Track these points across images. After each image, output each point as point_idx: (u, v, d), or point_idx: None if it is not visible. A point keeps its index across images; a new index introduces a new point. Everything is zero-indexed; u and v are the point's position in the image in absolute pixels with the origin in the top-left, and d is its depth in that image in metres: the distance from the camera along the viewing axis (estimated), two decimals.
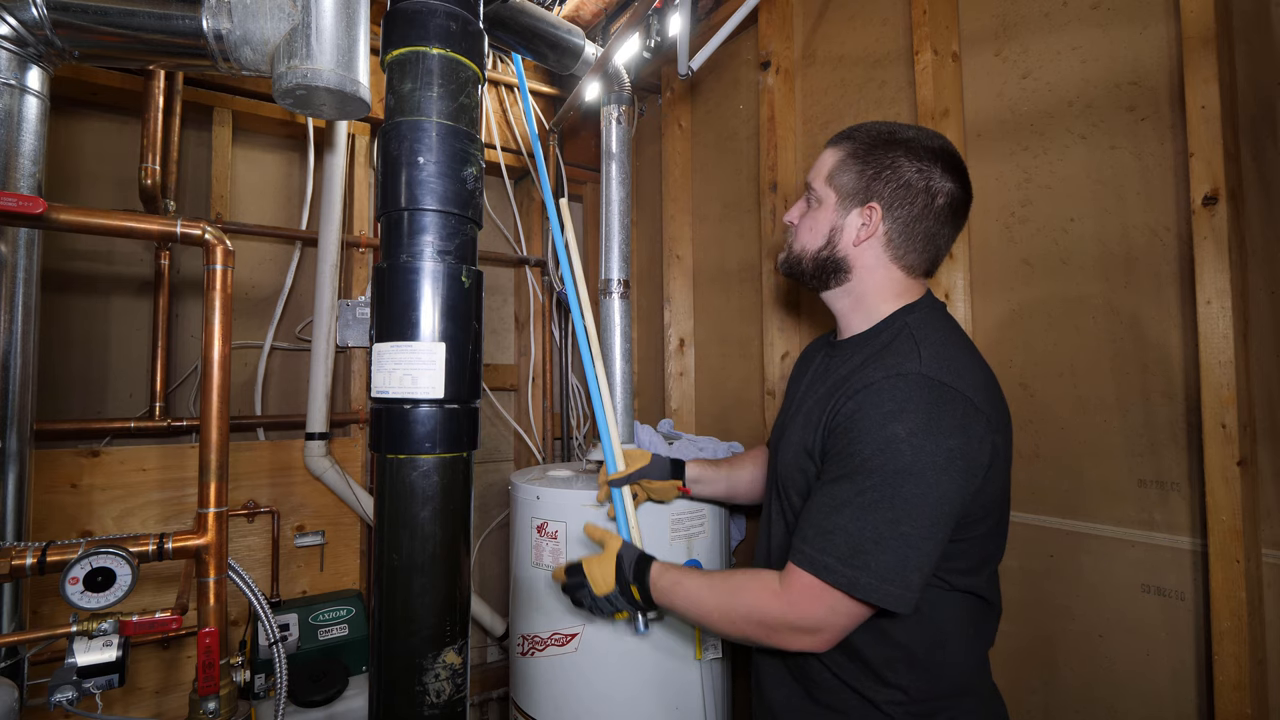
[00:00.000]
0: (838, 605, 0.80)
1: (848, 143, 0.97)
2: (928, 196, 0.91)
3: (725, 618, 0.89)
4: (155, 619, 1.04)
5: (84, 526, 1.56)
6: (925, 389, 0.80)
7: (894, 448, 0.77)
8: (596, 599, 1.04)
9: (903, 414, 0.79)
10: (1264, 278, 1.00)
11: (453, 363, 0.98)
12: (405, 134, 0.98)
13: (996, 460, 0.82)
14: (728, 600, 0.89)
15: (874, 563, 0.77)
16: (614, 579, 1.02)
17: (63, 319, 1.69)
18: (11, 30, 1.06)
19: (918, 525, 0.76)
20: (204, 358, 1.12)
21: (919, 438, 0.77)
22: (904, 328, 0.91)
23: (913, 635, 0.85)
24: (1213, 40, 0.99)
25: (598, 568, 1.05)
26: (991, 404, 0.84)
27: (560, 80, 2.39)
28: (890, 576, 0.77)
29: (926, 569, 0.78)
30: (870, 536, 0.77)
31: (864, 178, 0.93)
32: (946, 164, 0.92)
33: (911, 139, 0.93)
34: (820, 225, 0.98)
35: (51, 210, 0.99)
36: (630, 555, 1.04)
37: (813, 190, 1.00)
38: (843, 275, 0.97)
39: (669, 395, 2.08)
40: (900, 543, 0.76)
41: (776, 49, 1.74)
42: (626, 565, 1.03)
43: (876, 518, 0.77)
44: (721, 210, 1.99)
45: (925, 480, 0.76)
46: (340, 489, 1.86)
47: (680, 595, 0.95)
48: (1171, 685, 1.06)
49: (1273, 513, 0.98)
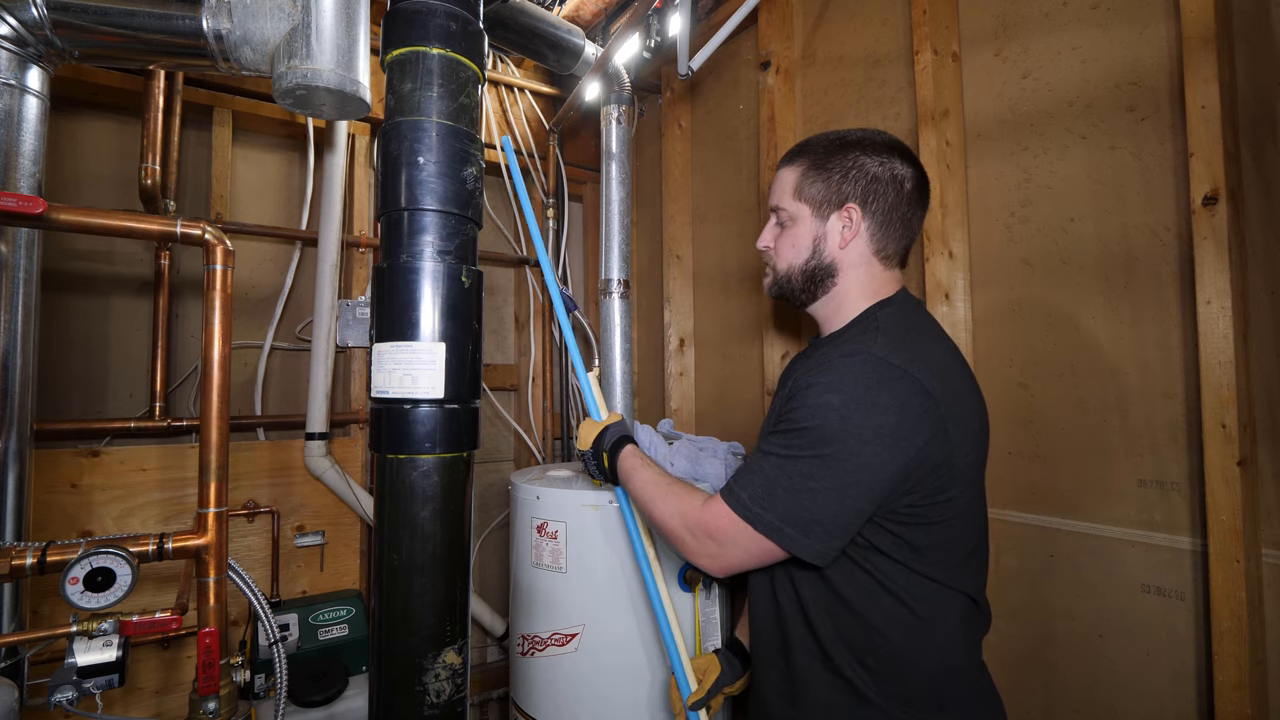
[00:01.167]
0: (739, 537, 0.87)
1: (803, 158, 1.00)
2: (896, 184, 0.96)
3: (653, 509, 0.99)
4: (155, 619, 1.04)
5: (84, 526, 1.56)
6: (869, 366, 0.84)
7: (823, 414, 0.83)
8: (579, 451, 1.21)
9: (841, 385, 0.84)
10: (1264, 278, 1.00)
11: (453, 363, 0.98)
12: (405, 134, 0.98)
13: (943, 445, 0.84)
14: (662, 496, 0.99)
15: (779, 506, 0.84)
16: (591, 441, 1.17)
17: (63, 319, 1.69)
18: (11, 30, 1.06)
19: (828, 483, 0.82)
20: (204, 358, 1.12)
21: (849, 408, 0.82)
22: (873, 321, 0.94)
23: (892, 624, 0.87)
24: (1213, 40, 0.99)
25: (587, 428, 1.21)
26: (950, 388, 0.86)
27: (560, 80, 2.39)
28: (790, 520, 0.84)
29: (831, 527, 0.83)
30: (784, 485, 0.84)
31: (832, 183, 0.97)
32: (900, 153, 0.97)
33: (862, 138, 0.98)
34: (801, 239, 1.00)
35: (51, 210, 0.99)
36: (617, 432, 1.17)
37: (782, 210, 1.02)
38: (830, 282, 1.00)
39: (669, 395, 2.08)
40: (808, 495, 0.83)
41: (776, 49, 1.74)
42: (608, 437, 1.16)
43: (792, 469, 0.84)
44: (721, 210, 1.99)
45: (845, 448, 0.82)
46: (340, 489, 1.86)
47: (636, 478, 1.06)
48: (1171, 685, 1.06)
49: (1273, 513, 0.98)
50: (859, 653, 0.88)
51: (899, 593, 0.87)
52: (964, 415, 0.88)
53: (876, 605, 0.87)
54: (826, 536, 0.83)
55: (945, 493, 0.85)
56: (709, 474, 1.45)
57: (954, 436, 0.85)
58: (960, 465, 0.86)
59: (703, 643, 1.35)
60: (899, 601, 0.87)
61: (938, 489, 0.85)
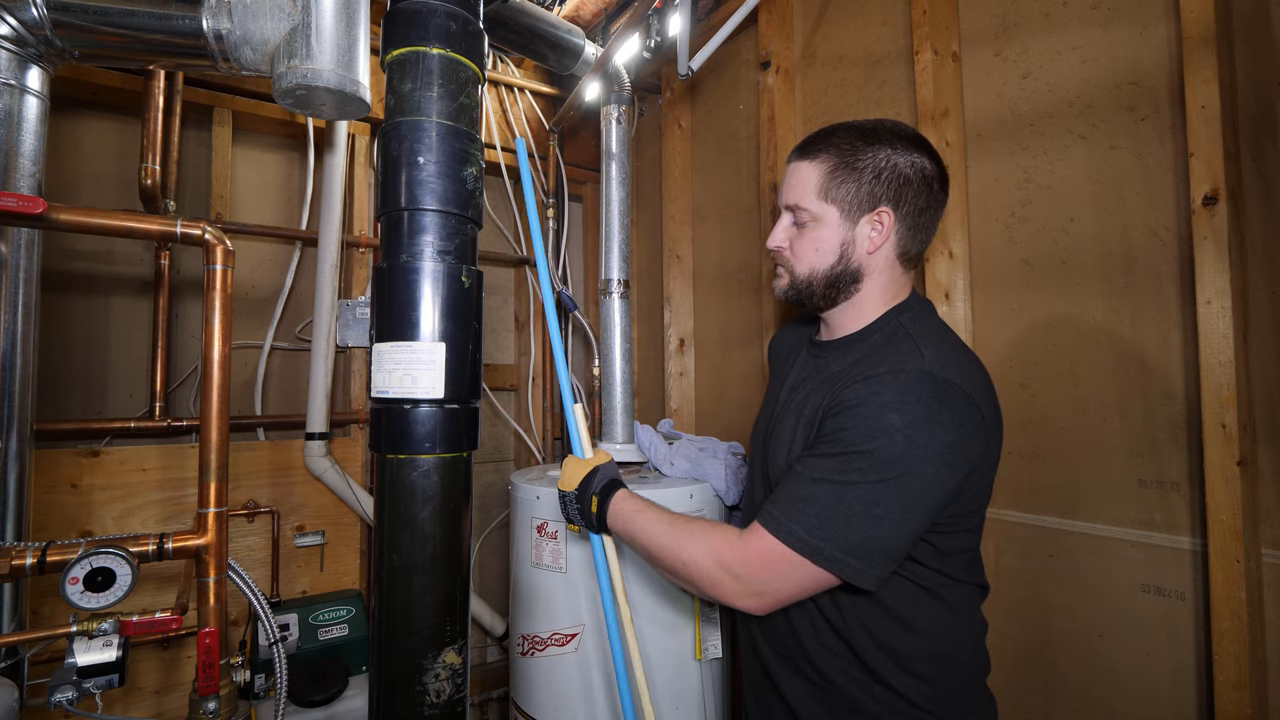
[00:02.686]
0: (793, 572, 0.80)
1: (828, 153, 0.93)
2: (925, 185, 0.91)
3: (674, 555, 0.89)
4: (155, 619, 1.04)
5: (84, 526, 1.56)
6: (928, 384, 0.81)
7: (888, 435, 0.78)
8: (560, 491, 1.07)
9: (902, 405, 0.79)
10: (1264, 278, 1.00)
11: (453, 363, 0.98)
12: (405, 134, 0.98)
13: (986, 457, 0.84)
14: (682, 539, 0.90)
15: (840, 536, 0.78)
16: (578, 482, 1.05)
17: (63, 319, 1.69)
18: (11, 30, 1.06)
19: (893, 510, 0.77)
20: (204, 358, 1.12)
21: (914, 429, 0.78)
22: (898, 327, 0.92)
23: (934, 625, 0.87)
24: (1213, 40, 0.99)
25: (573, 466, 1.08)
26: (988, 402, 0.86)
27: (560, 80, 2.39)
28: (854, 551, 0.78)
29: (893, 553, 0.79)
30: (843, 513, 0.78)
31: (864, 184, 0.90)
32: (920, 145, 0.92)
33: (883, 130, 0.92)
34: (826, 243, 0.93)
35: (51, 210, 0.99)
36: (607, 474, 1.05)
37: (803, 209, 0.94)
38: (854, 288, 0.95)
39: (669, 395, 2.08)
40: (872, 523, 0.78)
41: (776, 49, 1.74)
42: (598, 479, 1.04)
43: (853, 496, 0.78)
44: (722, 210, 1.99)
45: (912, 471, 0.77)
46: (340, 489, 1.86)
47: (638, 524, 0.95)
48: (1171, 685, 1.06)
49: (1273, 513, 0.98)
50: (902, 660, 0.87)
51: (938, 592, 0.87)
52: (996, 426, 0.87)
53: (919, 610, 0.87)
54: (888, 563, 0.79)
55: (980, 500, 0.86)
56: (709, 474, 1.45)
57: (992, 448, 0.85)
58: (990, 475, 0.87)
59: (703, 644, 1.35)
60: (938, 600, 0.87)
61: (975, 497, 0.85)
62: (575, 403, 1.13)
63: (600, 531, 1.05)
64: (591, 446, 1.12)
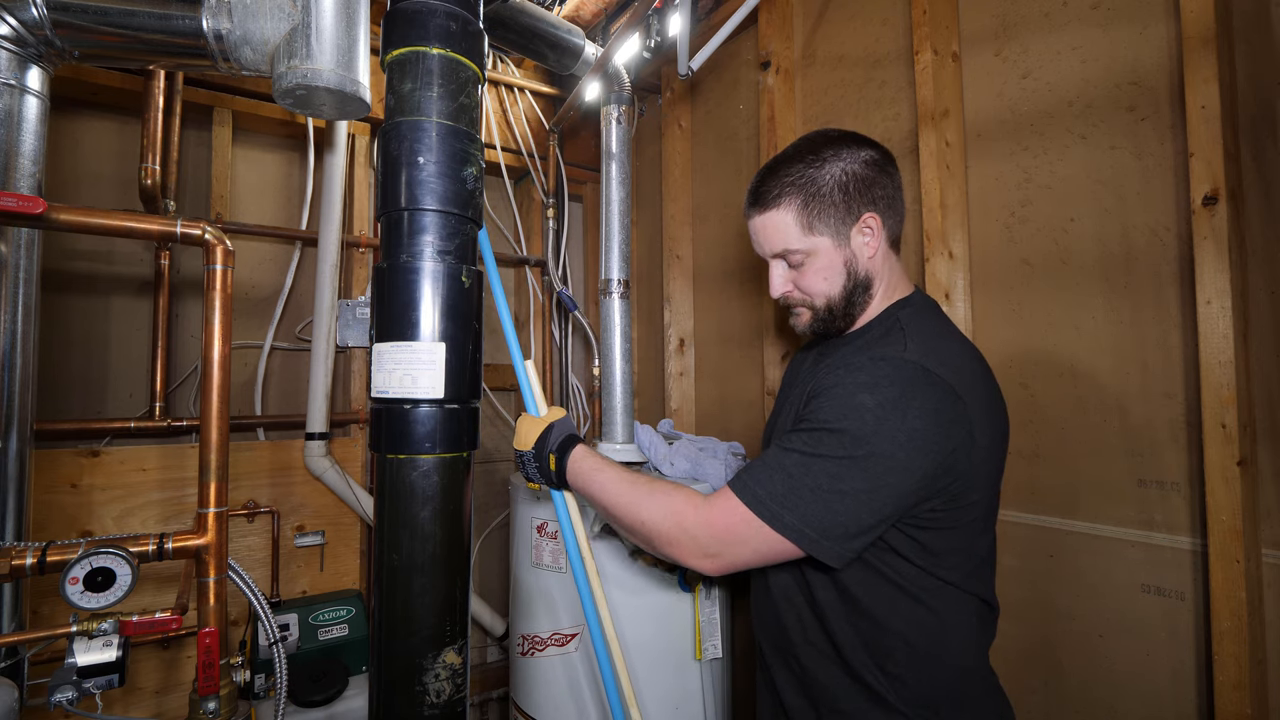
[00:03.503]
0: (752, 536, 0.82)
1: (788, 195, 0.95)
2: (883, 172, 0.95)
3: (634, 512, 0.92)
4: (155, 619, 1.04)
5: (84, 526, 1.56)
6: (903, 369, 0.82)
7: (858, 414, 0.80)
8: (517, 451, 1.08)
9: (875, 387, 0.81)
10: (1264, 278, 1.00)
11: (453, 363, 0.98)
12: (405, 134, 0.98)
13: (971, 449, 0.83)
14: (644, 497, 0.92)
15: (802, 506, 0.80)
16: (534, 441, 1.05)
17: (63, 319, 1.69)
18: (11, 30, 1.06)
19: (857, 487, 0.79)
20: (204, 358, 1.12)
21: (885, 410, 0.80)
22: (896, 322, 0.93)
23: (912, 627, 0.86)
24: (1213, 40, 0.99)
25: (527, 424, 1.08)
26: (976, 394, 0.86)
27: (560, 80, 2.39)
28: (813, 522, 0.80)
29: (854, 530, 0.80)
30: (809, 485, 0.80)
31: (838, 203, 0.93)
32: (856, 140, 0.96)
33: (816, 146, 0.95)
34: (832, 269, 0.96)
35: (51, 210, 0.99)
36: (563, 430, 1.06)
37: (794, 252, 0.96)
38: (867, 295, 0.97)
39: (669, 395, 2.08)
40: (835, 497, 0.79)
41: (776, 49, 1.74)
42: (554, 436, 1.04)
43: (819, 469, 0.80)
44: (722, 210, 1.99)
45: (880, 451, 0.79)
46: (340, 489, 1.86)
47: (597, 480, 0.98)
48: (1171, 685, 1.06)
49: (1273, 513, 0.98)
50: (879, 658, 0.87)
51: (919, 595, 0.86)
52: (988, 421, 0.87)
53: (895, 609, 0.87)
54: (846, 539, 0.81)
55: (966, 498, 0.85)
56: (709, 474, 1.45)
57: (979, 442, 0.84)
58: (982, 471, 0.86)
59: (703, 644, 1.35)
60: (918, 603, 0.86)
61: (959, 494, 0.84)
62: (526, 360, 1.14)
63: (561, 488, 1.06)
64: (546, 404, 1.12)
